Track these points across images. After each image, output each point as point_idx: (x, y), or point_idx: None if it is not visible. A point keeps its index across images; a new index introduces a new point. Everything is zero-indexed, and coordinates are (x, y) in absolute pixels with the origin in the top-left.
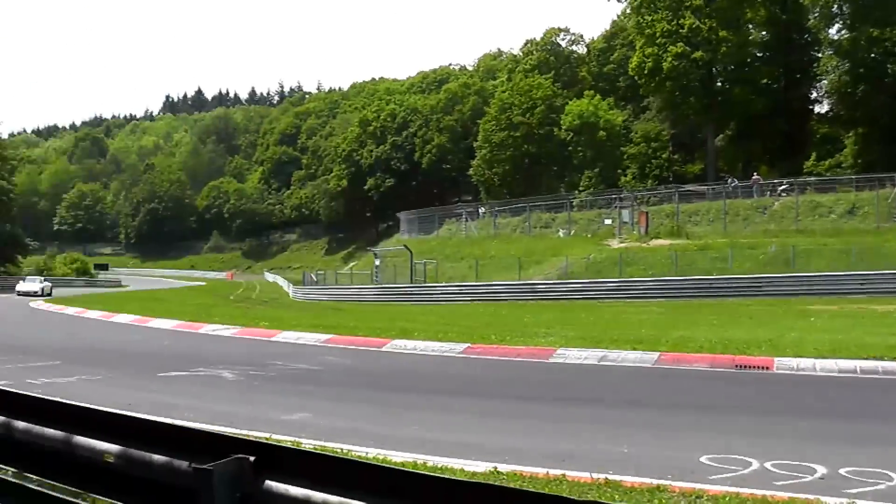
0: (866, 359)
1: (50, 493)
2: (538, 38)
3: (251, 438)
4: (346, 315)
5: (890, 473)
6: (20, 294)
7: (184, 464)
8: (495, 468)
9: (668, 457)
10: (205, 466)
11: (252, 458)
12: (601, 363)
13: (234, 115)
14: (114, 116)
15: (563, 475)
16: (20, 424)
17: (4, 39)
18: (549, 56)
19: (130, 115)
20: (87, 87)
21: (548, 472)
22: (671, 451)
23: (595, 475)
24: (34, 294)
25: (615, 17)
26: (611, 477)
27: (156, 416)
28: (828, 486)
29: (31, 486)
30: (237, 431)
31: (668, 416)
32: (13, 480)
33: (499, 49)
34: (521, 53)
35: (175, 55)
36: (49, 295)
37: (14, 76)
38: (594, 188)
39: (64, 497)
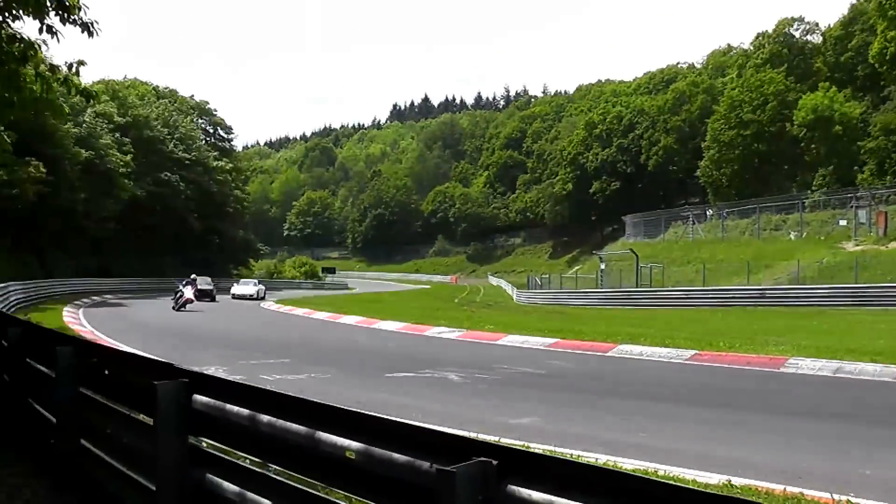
0: None
1: (290, 483)
2: (770, 30)
3: (494, 442)
4: (571, 319)
5: None
6: (235, 297)
7: (425, 464)
8: (729, 481)
9: None
10: (448, 468)
11: (495, 462)
12: (836, 375)
13: (460, 120)
14: (342, 126)
15: (802, 493)
16: (264, 418)
17: (241, 60)
18: (782, 48)
19: (359, 124)
20: (318, 101)
21: (785, 489)
22: None
23: (837, 496)
24: (249, 297)
25: (854, 1)
26: (854, 500)
27: (385, 415)
28: None
29: (272, 475)
30: (467, 433)
31: None
32: (257, 470)
33: (728, 44)
34: (751, 48)
35: (403, 65)
36: (263, 298)
37: (249, 93)
38: (828, 187)
39: (304, 489)
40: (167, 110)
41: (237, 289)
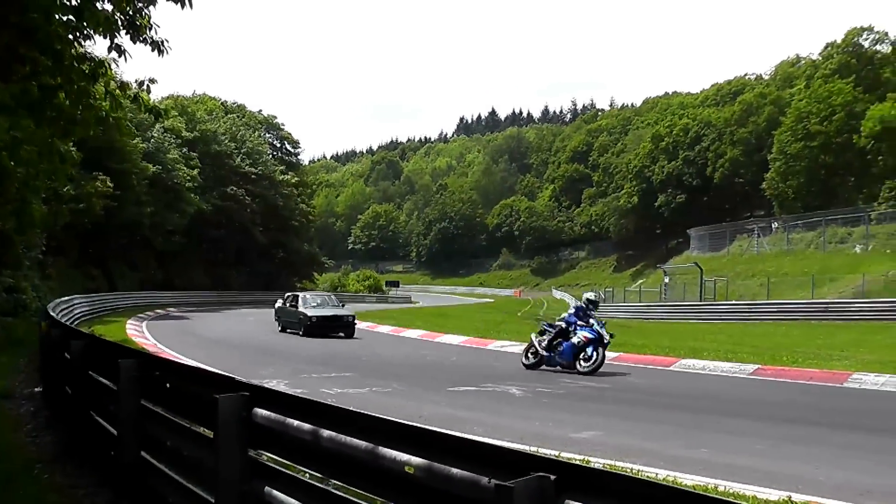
0: None
1: (350, 498)
2: (839, 41)
3: (552, 457)
4: (634, 333)
5: None
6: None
7: (483, 479)
8: (789, 497)
9: None
10: (506, 483)
11: (553, 477)
12: None
13: (526, 134)
14: (409, 140)
15: None
16: (325, 432)
17: (309, 74)
18: (851, 58)
19: (425, 137)
20: (386, 114)
21: None
22: None
23: None
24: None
25: None
26: None
27: (446, 429)
28: None
29: (332, 490)
30: (527, 448)
31: None
32: (317, 484)
33: (797, 55)
34: (820, 58)
35: (470, 79)
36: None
37: (317, 107)
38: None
39: None
40: (235, 125)
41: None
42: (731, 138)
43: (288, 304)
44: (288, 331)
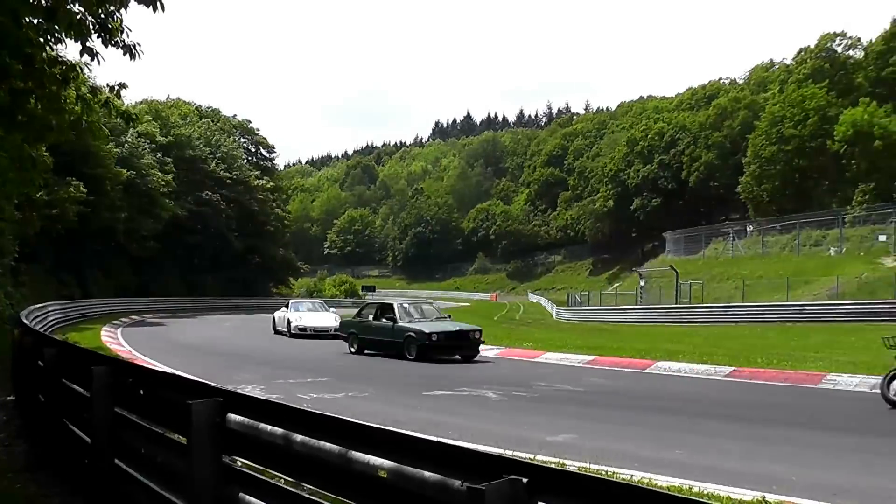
0: None
1: (323, 502)
2: (812, 46)
3: (523, 459)
4: (610, 336)
5: None
6: (299, 334)
7: (456, 482)
8: (763, 497)
9: None
10: (478, 486)
11: (525, 480)
12: (874, 391)
13: (502, 138)
14: (384, 144)
15: None
16: (298, 437)
17: (286, 79)
18: (824, 63)
19: (401, 142)
20: (362, 119)
21: None
22: None
23: None
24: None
25: None
26: None
27: (421, 433)
28: None
29: (305, 494)
30: (503, 451)
31: None
32: (290, 489)
33: (771, 60)
34: (793, 63)
35: (446, 83)
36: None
37: (292, 111)
38: (868, 203)
39: None
40: (210, 130)
41: (307, 319)
42: (705, 142)
43: (370, 316)
44: (366, 351)
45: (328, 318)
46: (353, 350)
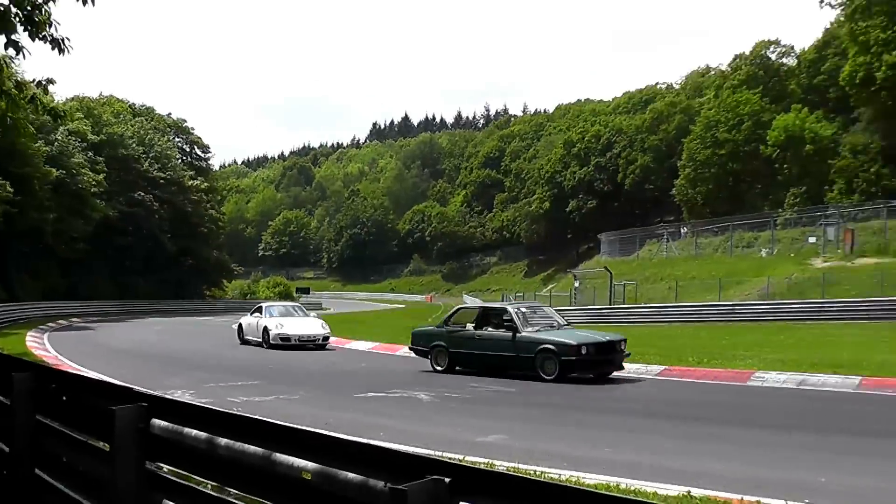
0: None
1: None
2: (747, 52)
3: (446, 460)
4: None
5: None
6: (280, 344)
7: (379, 483)
8: (689, 492)
9: (873, 487)
10: (400, 487)
11: (447, 480)
12: (800, 388)
13: (439, 139)
14: (321, 145)
15: (759, 502)
16: (222, 441)
17: (221, 78)
18: (758, 70)
19: (338, 143)
20: (299, 121)
21: (742, 499)
22: (872, 481)
23: (791, 503)
24: (313, 342)
25: (828, 25)
26: None
27: (351, 435)
28: None
29: (229, 499)
30: (432, 452)
31: (868, 444)
32: (215, 494)
33: (707, 65)
34: (729, 69)
35: (384, 85)
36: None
37: (228, 111)
38: (799, 206)
39: None
40: (143, 128)
41: (289, 326)
42: (641, 145)
43: (468, 325)
44: (461, 369)
45: (315, 326)
46: (439, 368)
